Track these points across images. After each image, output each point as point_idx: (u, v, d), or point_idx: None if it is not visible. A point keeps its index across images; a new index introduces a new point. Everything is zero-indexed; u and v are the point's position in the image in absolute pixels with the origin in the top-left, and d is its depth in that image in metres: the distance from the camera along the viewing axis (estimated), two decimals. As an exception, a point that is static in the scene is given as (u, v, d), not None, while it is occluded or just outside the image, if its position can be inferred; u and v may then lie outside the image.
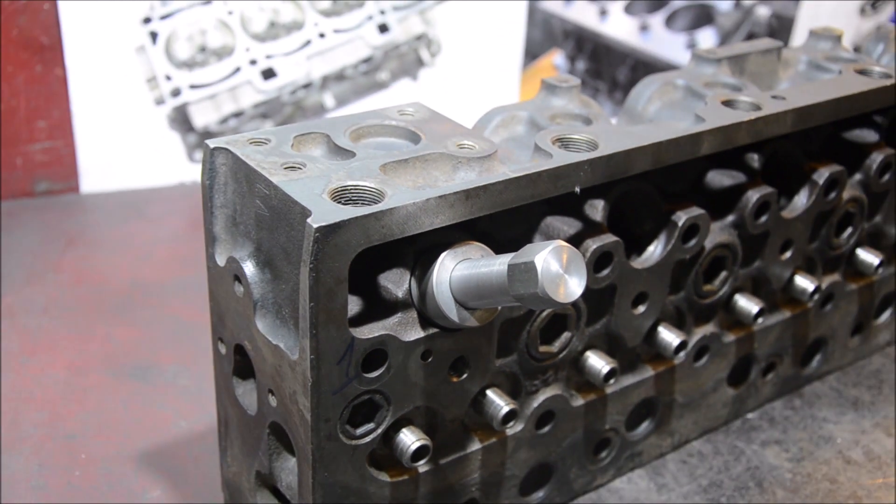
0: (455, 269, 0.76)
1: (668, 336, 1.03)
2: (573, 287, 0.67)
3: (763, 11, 2.20)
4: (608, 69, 2.29)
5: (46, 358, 1.29)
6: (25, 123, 1.69)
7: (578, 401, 1.00)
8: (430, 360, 0.83)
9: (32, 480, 1.07)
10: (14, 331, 1.35)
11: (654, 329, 1.03)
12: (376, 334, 0.78)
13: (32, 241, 1.60)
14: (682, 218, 0.96)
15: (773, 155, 1.07)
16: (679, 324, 1.07)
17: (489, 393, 0.90)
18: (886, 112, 1.18)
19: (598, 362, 0.97)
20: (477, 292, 0.74)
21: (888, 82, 1.09)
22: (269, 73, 1.85)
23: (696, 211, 0.97)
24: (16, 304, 1.41)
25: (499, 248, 0.82)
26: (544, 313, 0.91)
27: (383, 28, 1.93)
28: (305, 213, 0.72)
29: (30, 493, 1.05)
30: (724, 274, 1.06)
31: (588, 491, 1.09)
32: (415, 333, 0.81)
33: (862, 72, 1.12)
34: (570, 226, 0.92)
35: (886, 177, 1.19)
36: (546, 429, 0.99)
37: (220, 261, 0.86)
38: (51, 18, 1.62)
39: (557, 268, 0.66)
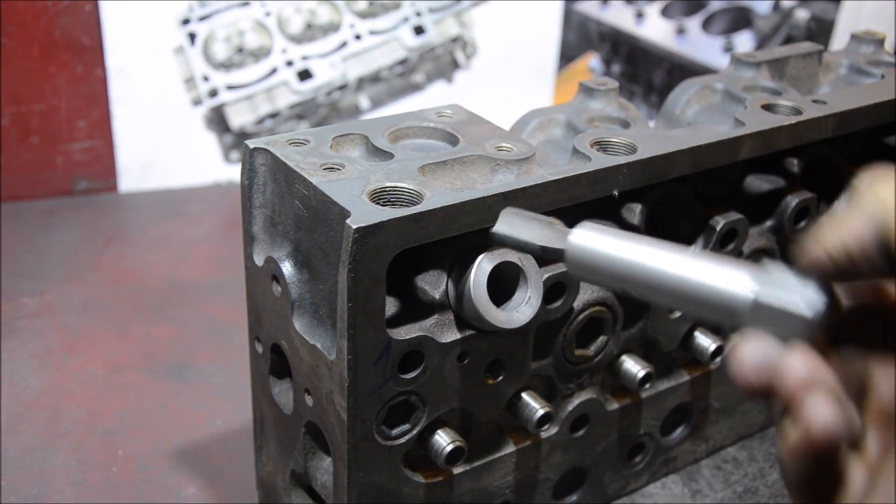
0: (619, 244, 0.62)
1: (705, 341, 1.02)
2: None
3: (802, 14, 2.18)
4: (644, 72, 2.28)
5: (85, 355, 1.31)
6: (66, 123, 1.71)
7: (613, 405, 1.00)
8: (466, 361, 0.83)
9: (71, 476, 1.08)
10: (54, 328, 1.36)
11: (690, 334, 1.03)
12: (413, 335, 0.78)
13: (72, 240, 1.62)
14: (720, 222, 0.96)
15: (813, 159, 1.06)
16: (716, 329, 1.06)
17: (524, 396, 0.90)
18: (929, 117, 1.17)
19: (633, 367, 0.97)
20: (661, 295, 0.61)
21: (931, 87, 1.08)
22: (305, 75, 1.86)
23: (734, 215, 0.97)
24: (55, 301, 1.43)
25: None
26: (580, 317, 0.91)
27: (419, 30, 1.93)
28: (345, 213, 0.72)
29: (68, 488, 1.07)
30: (761, 279, 1.05)
31: (622, 495, 1.08)
32: (451, 335, 0.81)
33: (904, 76, 1.11)
34: (608, 229, 0.91)
35: (928, 182, 1.17)
36: (580, 432, 0.98)
37: (259, 261, 0.87)
38: (92, 19, 1.65)
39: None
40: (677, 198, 0.96)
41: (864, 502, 0.49)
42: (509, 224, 0.71)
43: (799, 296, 0.52)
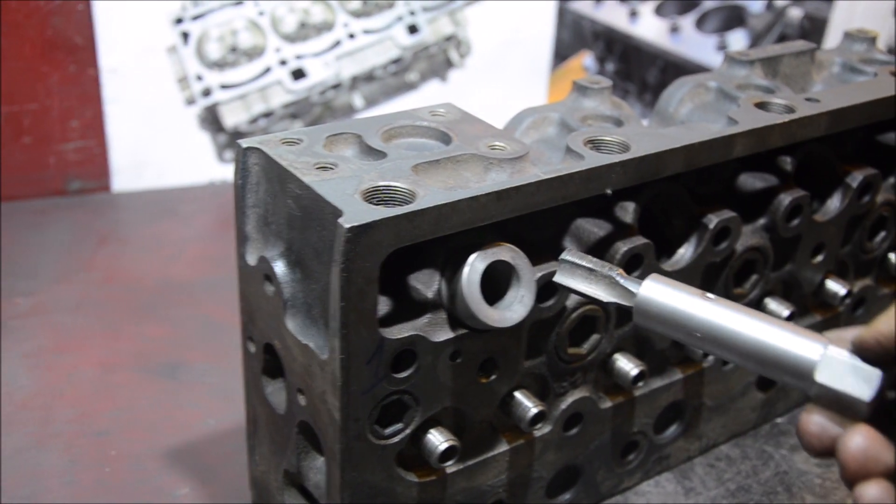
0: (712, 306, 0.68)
1: (698, 339, 1.02)
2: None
3: (795, 13, 2.18)
4: (638, 71, 2.28)
5: (78, 355, 1.30)
6: (59, 123, 1.71)
7: (607, 403, 1.00)
8: (459, 360, 0.83)
9: (64, 476, 1.08)
10: (46, 328, 1.36)
11: (683, 332, 1.03)
12: (406, 335, 0.78)
13: (65, 240, 1.61)
14: (713, 221, 0.96)
15: (805, 158, 1.06)
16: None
17: (517, 394, 0.90)
18: (921, 115, 1.17)
19: (626, 365, 0.97)
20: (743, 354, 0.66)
21: (924, 85, 1.08)
22: (298, 74, 1.86)
23: (727, 214, 0.97)
24: (48, 301, 1.43)
25: (529, 249, 0.82)
26: (573, 315, 0.91)
27: (413, 29, 1.93)
28: (337, 212, 0.72)
29: (61, 489, 1.06)
30: (754, 277, 1.05)
31: (615, 493, 1.08)
32: (444, 334, 0.81)
33: (897, 74, 1.11)
34: (601, 228, 0.92)
35: (921, 180, 1.17)
36: (574, 431, 0.98)
37: (251, 260, 0.87)
38: (85, 19, 1.64)
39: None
40: (671, 196, 0.96)
41: None
42: (570, 274, 0.77)
43: (855, 378, 0.59)
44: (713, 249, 0.98)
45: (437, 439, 0.84)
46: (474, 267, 0.78)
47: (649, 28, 2.24)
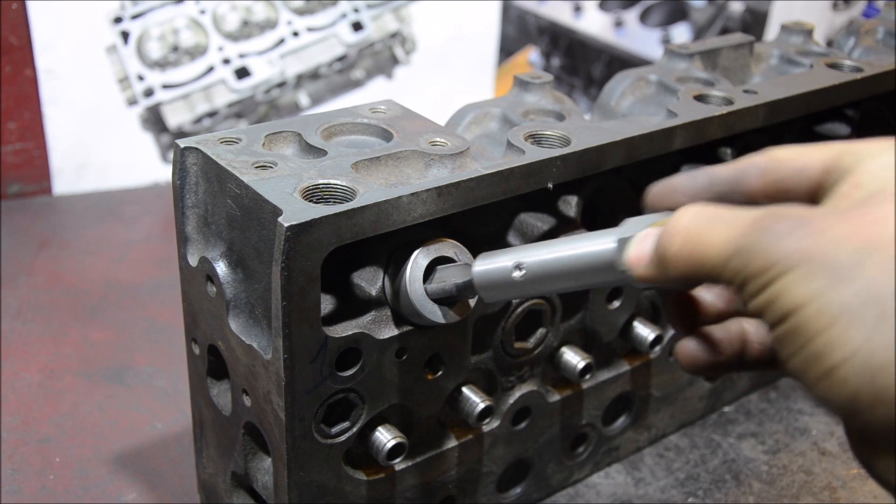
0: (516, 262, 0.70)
1: (644, 331, 1.03)
2: None
3: (737, 6, 2.21)
4: (583, 65, 2.30)
5: (19, 361, 1.28)
6: (-4, 125, 1.67)
7: (555, 396, 1.00)
8: (404, 357, 0.83)
9: (6, 485, 1.06)
10: (-14, 334, 1.33)
11: (629, 324, 1.04)
12: (350, 333, 0.78)
13: (4, 244, 1.58)
14: (655, 213, 0.97)
15: (745, 149, 1.08)
16: (654, 318, 1.07)
17: (465, 390, 0.90)
18: (857, 105, 1.19)
19: (573, 358, 0.97)
20: (557, 274, 0.68)
21: (858, 76, 1.10)
22: (242, 73, 1.84)
23: (669, 205, 0.98)
24: (-12, 307, 1.40)
25: (472, 245, 0.82)
26: (518, 310, 0.91)
27: (357, 26, 1.92)
28: (276, 211, 0.71)
29: (4, 498, 1.04)
30: (698, 268, 1.06)
31: (566, 486, 1.09)
32: (389, 331, 0.81)
33: (833, 65, 1.13)
34: (544, 222, 0.92)
35: (858, 169, 1.19)
36: (522, 425, 0.99)
37: (193, 261, 0.86)
38: (19, 18, 1.61)
39: None
40: (613, 189, 0.97)
41: None
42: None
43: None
44: (656, 241, 0.99)
45: (385, 437, 0.84)
46: (417, 263, 0.77)
47: (594, 23, 2.26)
